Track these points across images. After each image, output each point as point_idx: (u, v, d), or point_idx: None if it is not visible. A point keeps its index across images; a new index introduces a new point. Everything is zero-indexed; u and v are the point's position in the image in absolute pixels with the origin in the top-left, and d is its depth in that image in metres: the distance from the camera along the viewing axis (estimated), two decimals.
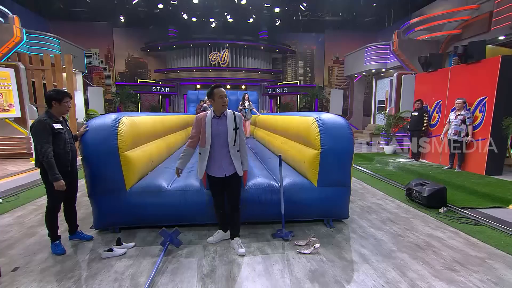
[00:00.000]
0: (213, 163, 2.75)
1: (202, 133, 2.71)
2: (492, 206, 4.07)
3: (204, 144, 2.71)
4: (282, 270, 2.51)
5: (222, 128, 2.69)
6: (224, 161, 2.73)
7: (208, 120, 2.69)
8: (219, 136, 2.69)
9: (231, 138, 2.69)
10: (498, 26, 8.29)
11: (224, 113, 2.73)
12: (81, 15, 16.52)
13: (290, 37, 19.23)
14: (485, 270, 2.52)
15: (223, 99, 2.68)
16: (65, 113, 2.88)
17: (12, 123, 8.78)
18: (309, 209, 3.42)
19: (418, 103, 7.21)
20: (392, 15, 15.90)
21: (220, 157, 2.72)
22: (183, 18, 16.78)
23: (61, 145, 2.71)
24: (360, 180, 5.96)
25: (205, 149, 2.72)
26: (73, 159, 2.89)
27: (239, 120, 2.76)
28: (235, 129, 2.71)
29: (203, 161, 2.75)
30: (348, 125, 3.41)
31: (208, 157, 2.73)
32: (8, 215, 3.89)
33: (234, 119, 2.73)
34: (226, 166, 2.74)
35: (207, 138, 2.67)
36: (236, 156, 2.75)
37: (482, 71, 5.76)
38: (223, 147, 2.70)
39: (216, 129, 2.69)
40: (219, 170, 2.74)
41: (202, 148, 2.74)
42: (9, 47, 9.65)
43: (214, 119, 2.71)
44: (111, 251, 2.75)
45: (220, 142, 2.70)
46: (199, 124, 2.73)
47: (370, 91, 16.11)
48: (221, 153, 2.72)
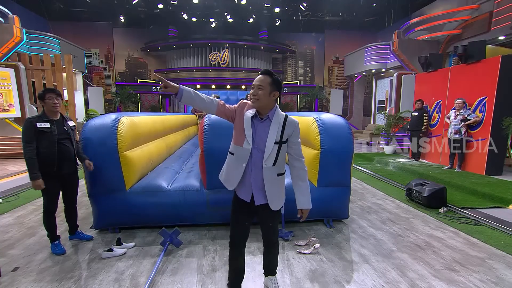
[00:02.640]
0: (241, 180, 1.89)
1: (239, 128, 1.85)
2: (492, 206, 4.07)
3: (241, 142, 1.82)
4: (282, 270, 2.51)
5: (261, 135, 1.81)
6: (254, 181, 1.85)
7: (248, 119, 1.82)
8: (254, 144, 1.82)
9: (268, 153, 1.80)
10: (498, 26, 8.29)
11: (269, 114, 1.83)
12: (81, 15, 16.51)
13: (290, 37, 19.22)
14: (485, 270, 2.52)
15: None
16: (54, 110, 2.71)
17: (12, 123, 8.78)
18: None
19: (418, 103, 7.21)
20: (392, 15, 15.88)
21: (250, 176, 1.85)
22: (183, 18, 16.78)
23: (44, 144, 2.62)
24: (360, 180, 5.96)
25: (242, 150, 1.82)
26: (66, 160, 2.75)
27: (291, 130, 1.83)
28: (278, 143, 1.80)
29: (236, 166, 1.85)
30: (348, 125, 3.41)
31: (239, 164, 1.85)
32: (8, 215, 3.89)
33: (282, 126, 1.81)
34: (256, 189, 1.86)
35: (247, 136, 1.80)
36: (273, 181, 1.85)
37: (482, 71, 5.76)
38: (258, 162, 1.83)
39: (253, 134, 1.82)
40: (244, 191, 1.90)
41: (238, 147, 1.84)
42: (9, 47, 9.65)
43: (255, 119, 1.84)
44: (111, 251, 2.75)
45: (254, 154, 1.84)
46: (241, 111, 1.87)
47: (370, 91, 16.12)
48: (253, 170, 1.84)
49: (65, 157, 2.76)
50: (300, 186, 1.91)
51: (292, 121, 1.84)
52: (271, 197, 1.87)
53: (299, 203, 1.92)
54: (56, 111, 2.76)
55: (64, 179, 2.83)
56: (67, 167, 2.80)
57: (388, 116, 9.43)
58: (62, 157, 2.72)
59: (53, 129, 2.69)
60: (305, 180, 1.92)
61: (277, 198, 1.91)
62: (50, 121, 2.70)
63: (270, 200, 1.87)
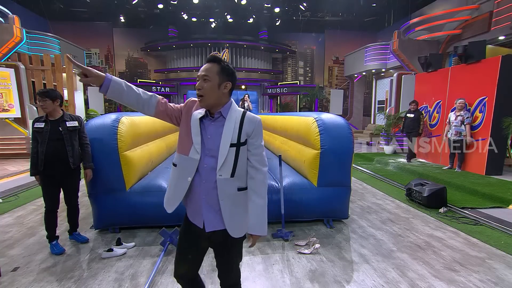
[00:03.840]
0: (188, 198, 1.45)
1: (185, 132, 1.42)
2: (492, 206, 4.07)
3: (187, 151, 1.39)
4: (282, 270, 2.51)
5: (213, 137, 1.37)
6: (206, 200, 1.38)
7: (195, 121, 1.39)
8: (205, 150, 1.37)
9: (222, 160, 1.34)
10: (498, 26, 8.29)
11: (222, 111, 1.40)
12: (81, 15, 16.53)
13: (290, 37, 19.23)
14: (485, 270, 2.52)
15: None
16: (44, 111, 2.74)
17: (12, 123, 8.77)
18: (309, 209, 3.42)
19: (413, 104, 6.99)
20: (392, 15, 15.90)
21: (200, 192, 1.39)
22: (183, 18, 16.79)
23: (35, 143, 2.72)
24: (360, 180, 5.96)
25: (188, 160, 1.38)
26: (57, 161, 2.71)
27: (251, 129, 1.39)
28: (235, 145, 1.36)
29: (180, 181, 1.41)
30: (348, 125, 3.42)
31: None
32: (8, 215, 3.89)
33: (240, 124, 1.38)
34: (208, 210, 1.39)
35: (194, 143, 1.37)
36: (232, 198, 1.39)
37: (482, 71, 5.76)
38: (210, 173, 1.36)
39: (204, 137, 1.39)
40: (195, 215, 1.43)
41: (183, 156, 1.41)
42: (9, 47, 9.65)
43: (205, 119, 1.41)
44: (111, 251, 2.75)
45: (205, 163, 1.37)
46: (188, 111, 1.46)
47: (370, 91, 16.12)
48: (203, 185, 1.38)
49: (55, 158, 2.70)
50: (256, 204, 1.40)
51: (252, 117, 1.40)
52: (230, 220, 1.38)
53: (250, 226, 1.40)
54: (47, 112, 2.74)
55: (56, 179, 2.79)
56: (58, 168, 2.74)
57: (388, 116, 9.44)
58: (51, 157, 2.69)
59: (45, 129, 2.69)
60: (264, 197, 1.42)
61: (239, 221, 1.41)
62: (46, 121, 2.72)
63: (229, 223, 1.38)
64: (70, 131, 2.78)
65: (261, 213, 1.41)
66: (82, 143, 2.88)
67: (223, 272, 1.54)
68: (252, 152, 1.41)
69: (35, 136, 2.72)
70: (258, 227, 1.41)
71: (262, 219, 1.42)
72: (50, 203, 2.81)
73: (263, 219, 1.42)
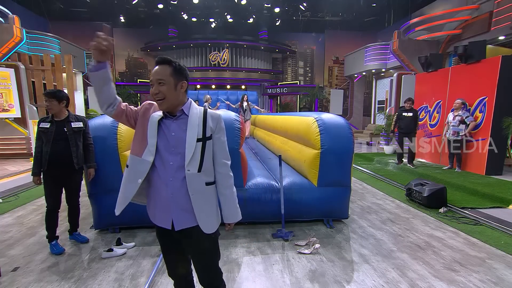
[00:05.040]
0: (153, 200, 1.46)
1: (141, 134, 1.44)
2: (492, 206, 4.07)
3: (140, 152, 1.40)
4: (282, 270, 2.51)
5: (178, 134, 1.40)
6: (174, 198, 1.39)
7: (153, 123, 1.40)
8: (170, 148, 1.38)
9: (190, 155, 1.36)
10: (498, 26, 8.29)
11: (184, 109, 1.43)
12: (81, 15, 16.51)
13: (290, 37, 19.21)
14: (485, 270, 2.52)
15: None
16: (49, 112, 2.77)
17: (12, 123, 8.77)
18: (309, 209, 3.42)
19: (410, 102, 6.48)
20: (392, 15, 15.88)
21: (167, 191, 1.39)
22: (183, 18, 16.78)
23: (40, 143, 2.74)
24: (360, 180, 5.96)
25: (140, 162, 1.40)
26: (60, 161, 2.73)
27: (214, 124, 1.46)
28: (201, 140, 1.40)
29: (129, 183, 1.44)
30: (348, 125, 3.42)
31: (146, 183, 1.45)
32: (8, 215, 3.89)
33: (203, 119, 1.43)
34: (176, 209, 1.40)
35: (149, 145, 1.38)
36: (202, 192, 1.41)
37: (482, 71, 5.77)
38: (177, 170, 1.38)
39: (164, 137, 1.40)
40: (162, 216, 1.44)
41: (135, 157, 1.42)
42: (9, 47, 9.64)
43: (166, 120, 1.42)
44: (111, 251, 2.75)
45: (170, 161, 1.38)
46: (144, 113, 1.47)
47: (370, 91, 16.11)
48: (170, 183, 1.38)
49: (59, 158, 2.72)
50: (225, 195, 1.49)
51: (214, 113, 1.48)
52: (201, 214, 1.40)
53: (224, 216, 1.51)
54: (53, 113, 2.77)
55: (59, 179, 2.81)
56: (62, 168, 2.76)
57: (388, 116, 9.44)
58: (54, 157, 2.71)
59: (50, 129, 2.72)
60: (231, 187, 1.51)
61: (210, 215, 1.44)
62: (51, 122, 2.75)
63: (200, 218, 1.40)
64: (75, 132, 2.81)
65: (231, 202, 1.52)
66: (87, 143, 2.91)
67: (202, 271, 1.54)
68: (217, 147, 1.47)
69: (40, 136, 2.73)
70: (231, 216, 1.52)
71: (234, 207, 1.53)
72: (52, 203, 2.82)
73: (234, 207, 1.53)
